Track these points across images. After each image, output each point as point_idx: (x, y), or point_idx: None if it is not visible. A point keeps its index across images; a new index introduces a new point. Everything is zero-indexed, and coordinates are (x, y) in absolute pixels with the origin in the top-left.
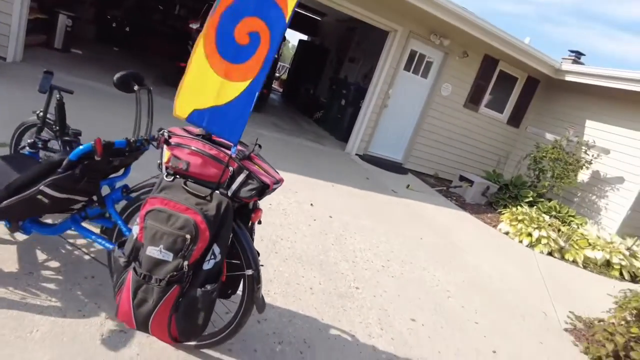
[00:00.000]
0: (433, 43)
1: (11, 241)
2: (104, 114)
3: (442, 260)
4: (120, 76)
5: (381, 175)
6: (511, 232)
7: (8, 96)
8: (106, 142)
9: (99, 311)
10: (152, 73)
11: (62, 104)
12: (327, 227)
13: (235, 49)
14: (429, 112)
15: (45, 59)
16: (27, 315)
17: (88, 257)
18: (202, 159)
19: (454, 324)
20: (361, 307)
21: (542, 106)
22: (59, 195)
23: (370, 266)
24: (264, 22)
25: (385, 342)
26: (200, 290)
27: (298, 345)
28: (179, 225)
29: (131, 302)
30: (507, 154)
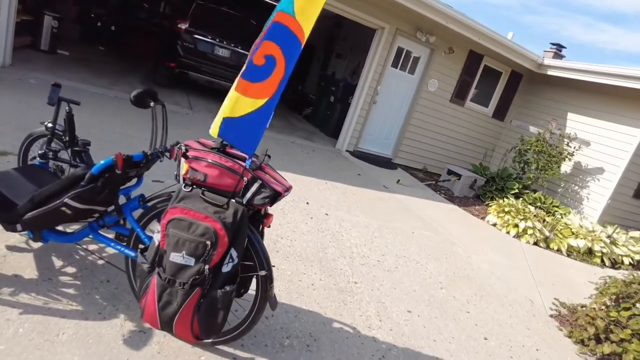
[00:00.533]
0: (419, 40)
1: (27, 249)
2: (97, 117)
3: (434, 253)
4: (136, 94)
5: (372, 171)
6: (499, 224)
7: (1, 103)
8: (126, 156)
9: (117, 313)
10: (139, 73)
11: (71, 116)
12: (323, 225)
13: (252, 69)
14: (416, 107)
15: (33, 62)
16: (52, 320)
17: (101, 262)
18: (219, 170)
19: (447, 314)
20: (360, 301)
21: (525, 100)
22: (81, 207)
23: (366, 261)
24: (279, 48)
25: (385, 333)
26: (220, 291)
27: (305, 339)
28: (200, 233)
29: (156, 304)
30: (493, 147)
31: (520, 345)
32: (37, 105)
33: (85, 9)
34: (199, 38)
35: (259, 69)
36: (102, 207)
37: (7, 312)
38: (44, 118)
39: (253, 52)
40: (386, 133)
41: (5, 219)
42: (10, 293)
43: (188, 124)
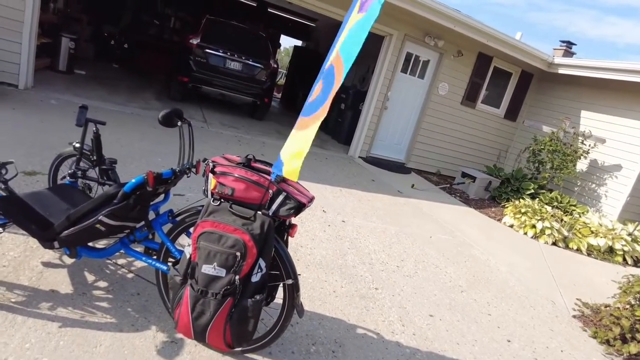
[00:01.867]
0: (428, 44)
1: (61, 265)
2: (116, 134)
3: (452, 256)
4: (164, 114)
5: (385, 177)
6: (515, 225)
7: (25, 124)
8: (156, 173)
9: (149, 325)
10: (153, 88)
11: (98, 136)
12: (341, 232)
13: (307, 106)
14: (427, 111)
15: (53, 83)
16: (89, 332)
17: (130, 276)
18: (245, 184)
19: (469, 317)
20: (382, 307)
21: (537, 99)
22: (115, 223)
23: (386, 267)
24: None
25: (408, 338)
26: (251, 300)
27: (330, 345)
28: (230, 244)
29: (190, 315)
30: (506, 148)
31: (544, 347)
32: (60, 124)
33: (98, 28)
34: (211, 52)
35: (311, 105)
36: (133, 223)
37: (48, 326)
38: (67, 137)
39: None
40: (398, 138)
41: (43, 237)
42: (49, 307)
43: (204, 137)
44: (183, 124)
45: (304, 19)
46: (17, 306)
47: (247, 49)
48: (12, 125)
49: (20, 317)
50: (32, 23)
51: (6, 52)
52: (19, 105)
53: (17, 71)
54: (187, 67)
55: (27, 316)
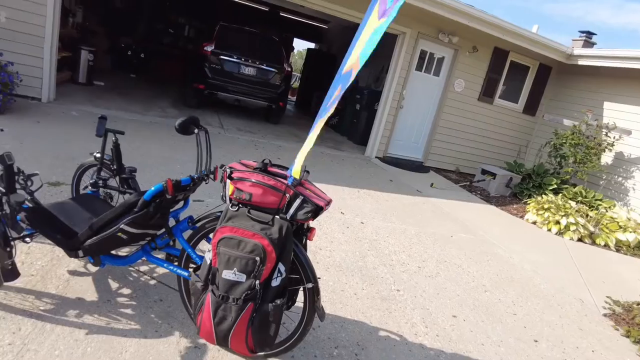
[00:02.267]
0: (442, 41)
1: (86, 273)
2: (135, 143)
3: (475, 255)
4: (181, 122)
5: (404, 176)
6: (538, 222)
7: (49, 136)
8: (175, 181)
9: (172, 330)
10: (169, 97)
11: (117, 145)
12: (360, 234)
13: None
14: (444, 109)
15: (73, 95)
16: (114, 339)
17: (153, 282)
18: (262, 189)
19: (493, 317)
20: (404, 308)
21: (556, 92)
22: (136, 231)
23: (407, 268)
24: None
25: (432, 339)
26: (271, 304)
27: (352, 348)
28: (249, 249)
29: (212, 320)
30: (526, 143)
31: (573, 347)
32: (81, 135)
33: (115, 40)
34: (225, 58)
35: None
36: (154, 231)
37: (75, 333)
38: (88, 147)
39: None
40: (415, 137)
41: (67, 246)
42: (76, 315)
43: (221, 143)
44: (200, 131)
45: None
46: (46, 314)
47: (261, 53)
48: (36, 138)
49: (49, 325)
50: (53, 38)
51: (29, 67)
52: (43, 118)
53: (40, 85)
54: (203, 74)
55: (55, 324)
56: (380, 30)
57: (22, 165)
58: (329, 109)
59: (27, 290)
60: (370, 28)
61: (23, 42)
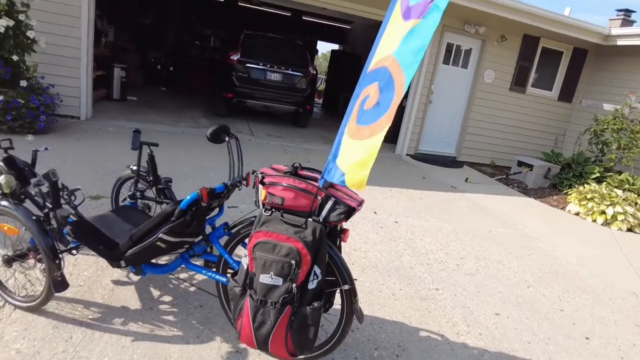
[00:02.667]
0: (468, 33)
1: (129, 282)
2: (169, 154)
3: (515, 250)
4: (212, 131)
5: (437, 172)
6: (582, 213)
7: (88, 152)
8: (209, 189)
9: (213, 336)
10: (200, 107)
11: (153, 157)
12: (395, 233)
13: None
14: (474, 101)
15: (109, 111)
16: (159, 345)
17: (193, 289)
18: (294, 193)
19: (539, 314)
20: (444, 307)
21: (594, 76)
22: (174, 240)
23: (445, 266)
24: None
25: (474, 338)
26: (309, 307)
27: (393, 349)
28: (284, 253)
29: (251, 325)
30: (563, 132)
31: (630, 345)
32: (118, 150)
33: (145, 55)
34: (251, 66)
35: (368, 113)
36: (191, 238)
37: (122, 340)
38: (125, 161)
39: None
40: (446, 131)
41: (110, 257)
42: (122, 323)
43: (252, 149)
44: (230, 138)
45: (339, 22)
46: (94, 322)
47: (286, 58)
48: (77, 154)
49: (98, 333)
50: (88, 58)
51: (68, 88)
52: (82, 135)
53: (78, 104)
54: (230, 83)
55: (103, 331)
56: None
57: (66, 181)
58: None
59: (76, 300)
60: (397, 29)
61: (61, 64)
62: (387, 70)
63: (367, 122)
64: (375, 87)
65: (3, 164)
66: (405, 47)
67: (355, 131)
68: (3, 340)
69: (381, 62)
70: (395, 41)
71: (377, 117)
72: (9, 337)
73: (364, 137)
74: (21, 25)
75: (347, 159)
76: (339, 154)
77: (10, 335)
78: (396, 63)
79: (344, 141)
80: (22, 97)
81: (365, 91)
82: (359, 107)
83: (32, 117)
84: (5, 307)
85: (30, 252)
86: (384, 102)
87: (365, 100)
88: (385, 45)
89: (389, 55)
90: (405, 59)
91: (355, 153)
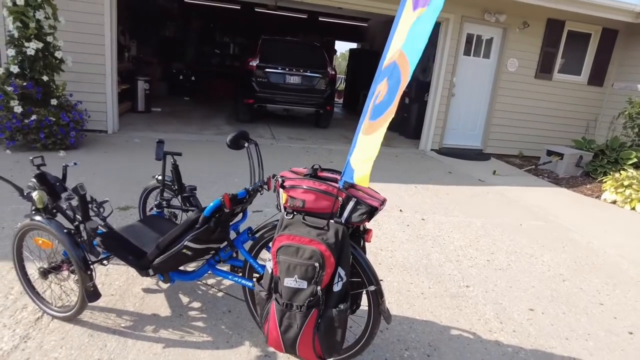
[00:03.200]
0: (488, 22)
1: (158, 290)
2: (194, 162)
3: (548, 243)
4: (231, 138)
5: (463, 166)
6: (619, 201)
7: (116, 164)
8: (232, 195)
9: (242, 340)
10: (223, 114)
11: (176, 166)
12: (422, 231)
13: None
14: (498, 91)
15: (134, 123)
16: (189, 351)
17: (220, 295)
18: (315, 195)
19: (576, 308)
20: (476, 305)
21: (626, 57)
22: (199, 247)
23: (475, 262)
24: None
25: (508, 335)
26: (335, 310)
27: (424, 349)
28: (307, 256)
29: (278, 329)
30: (595, 117)
31: None
32: (144, 161)
33: (167, 66)
34: (270, 71)
35: (378, 107)
36: (216, 244)
37: (153, 347)
38: (152, 171)
39: (376, 94)
40: (471, 124)
41: (138, 266)
42: (153, 330)
43: (274, 153)
44: (249, 144)
45: (356, 20)
46: (127, 330)
47: (304, 61)
48: (105, 167)
49: (131, 340)
50: (112, 73)
51: (95, 103)
52: (110, 148)
53: (105, 118)
54: (251, 89)
55: (135, 339)
56: (422, 21)
57: (95, 193)
58: (385, 110)
59: (108, 309)
60: (407, 21)
61: (88, 81)
62: (395, 64)
63: (375, 117)
64: (385, 83)
65: (35, 181)
66: (412, 36)
67: (368, 127)
68: (42, 349)
69: (393, 57)
70: (404, 34)
71: (383, 111)
72: (47, 346)
73: (371, 132)
74: (49, 46)
75: (358, 156)
76: (353, 152)
77: (49, 344)
78: (403, 55)
79: (359, 139)
80: (53, 115)
81: (378, 88)
82: (372, 104)
83: (63, 134)
84: (44, 318)
85: (63, 264)
86: (389, 95)
87: (377, 97)
88: (396, 41)
89: (398, 50)
90: (411, 48)
91: (364, 149)
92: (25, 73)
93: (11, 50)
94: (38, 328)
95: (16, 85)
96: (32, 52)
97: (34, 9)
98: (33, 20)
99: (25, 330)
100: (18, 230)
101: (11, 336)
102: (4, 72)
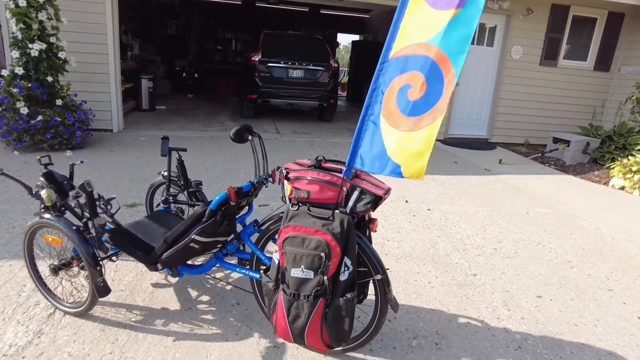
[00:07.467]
0: (491, 9)
1: (167, 284)
2: (200, 158)
3: (555, 230)
4: (235, 131)
5: (469, 156)
6: (627, 186)
7: (122, 162)
8: (237, 188)
9: (251, 332)
10: (227, 110)
11: (182, 162)
12: (428, 221)
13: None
14: (503, 79)
15: (139, 121)
16: (199, 344)
17: (229, 287)
18: (319, 185)
19: (585, 295)
20: (483, 293)
21: (633, 41)
22: (207, 240)
23: (482, 251)
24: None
25: (516, 323)
26: (342, 299)
27: (432, 338)
28: (313, 246)
29: (286, 319)
30: (602, 103)
31: None
32: (150, 158)
33: (170, 64)
34: (273, 65)
35: (418, 104)
36: (223, 238)
37: (163, 341)
38: (158, 168)
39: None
40: (476, 113)
41: (147, 261)
42: (162, 324)
43: (279, 147)
44: (253, 137)
45: (357, 12)
46: (137, 324)
47: (307, 54)
48: (112, 165)
49: (141, 334)
50: (116, 73)
51: (100, 103)
52: (116, 147)
53: (110, 117)
54: (254, 85)
55: (146, 333)
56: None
57: (103, 191)
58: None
59: (119, 304)
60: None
61: (92, 81)
62: (431, 61)
63: (418, 113)
64: (419, 77)
65: (44, 179)
66: (450, 37)
67: (405, 122)
68: (56, 344)
69: (412, 49)
70: (428, 29)
71: (428, 108)
72: (60, 341)
73: (417, 128)
74: (53, 47)
75: (403, 151)
76: (385, 146)
77: (62, 339)
78: (442, 54)
79: (389, 133)
80: (59, 116)
81: (398, 80)
82: (396, 96)
83: (69, 134)
84: (56, 313)
85: (73, 260)
86: (433, 93)
87: (406, 90)
88: (412, 33)
89: (428, 45)
90: (452, 49)
91: (410, 144)
92: (30, 74)
93: (15, 52)
94: (51, 324)
95: (22, 86)
96: (36, 54)
97: (37, 10)
98: (36, 21)
99: (38, 326)
100: (28, 229)
101: (25, 332)
102: (9, 74)
